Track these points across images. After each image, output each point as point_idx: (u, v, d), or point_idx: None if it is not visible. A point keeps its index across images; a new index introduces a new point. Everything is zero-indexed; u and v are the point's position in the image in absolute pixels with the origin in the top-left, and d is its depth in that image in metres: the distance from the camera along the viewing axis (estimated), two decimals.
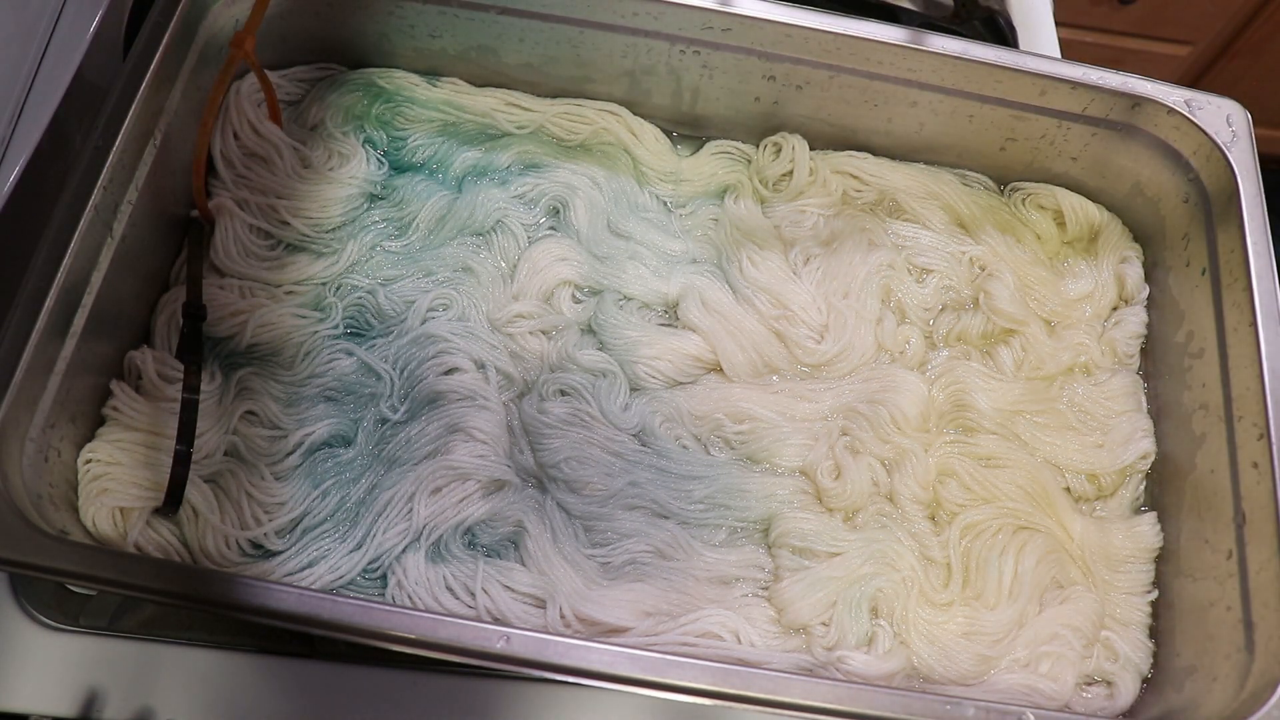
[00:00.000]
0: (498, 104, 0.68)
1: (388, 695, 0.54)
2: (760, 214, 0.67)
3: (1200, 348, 0.63)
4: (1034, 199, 0.70)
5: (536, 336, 0.62)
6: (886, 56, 0.64)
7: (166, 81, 0.58)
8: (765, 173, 0.69)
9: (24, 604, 0.54)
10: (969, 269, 0.68)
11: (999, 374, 0.65)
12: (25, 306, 0.50)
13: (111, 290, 0.54)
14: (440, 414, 0.58)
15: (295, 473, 0.57)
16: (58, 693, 0.52)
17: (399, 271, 0.63)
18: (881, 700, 0.46)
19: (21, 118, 0.54)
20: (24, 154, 0.53)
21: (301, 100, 0.67)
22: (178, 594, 0.45)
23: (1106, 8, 1.30)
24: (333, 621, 0.45)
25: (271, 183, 0.63)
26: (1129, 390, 0.66)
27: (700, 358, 0.62)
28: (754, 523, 0.59)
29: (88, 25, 0.57)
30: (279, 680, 0.54)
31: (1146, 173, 0.68)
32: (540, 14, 0.64)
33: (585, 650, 0.46)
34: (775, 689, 0.46)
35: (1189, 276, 0.65)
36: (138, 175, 0.56)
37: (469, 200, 0.65)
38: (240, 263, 0.61)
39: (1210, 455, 0.60)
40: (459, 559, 0.55)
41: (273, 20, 0.61)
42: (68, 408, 0.52)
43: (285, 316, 0.60)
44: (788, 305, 0.64)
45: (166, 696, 0.53)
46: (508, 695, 0.55)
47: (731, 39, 0.64)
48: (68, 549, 0.46)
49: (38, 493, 0.50)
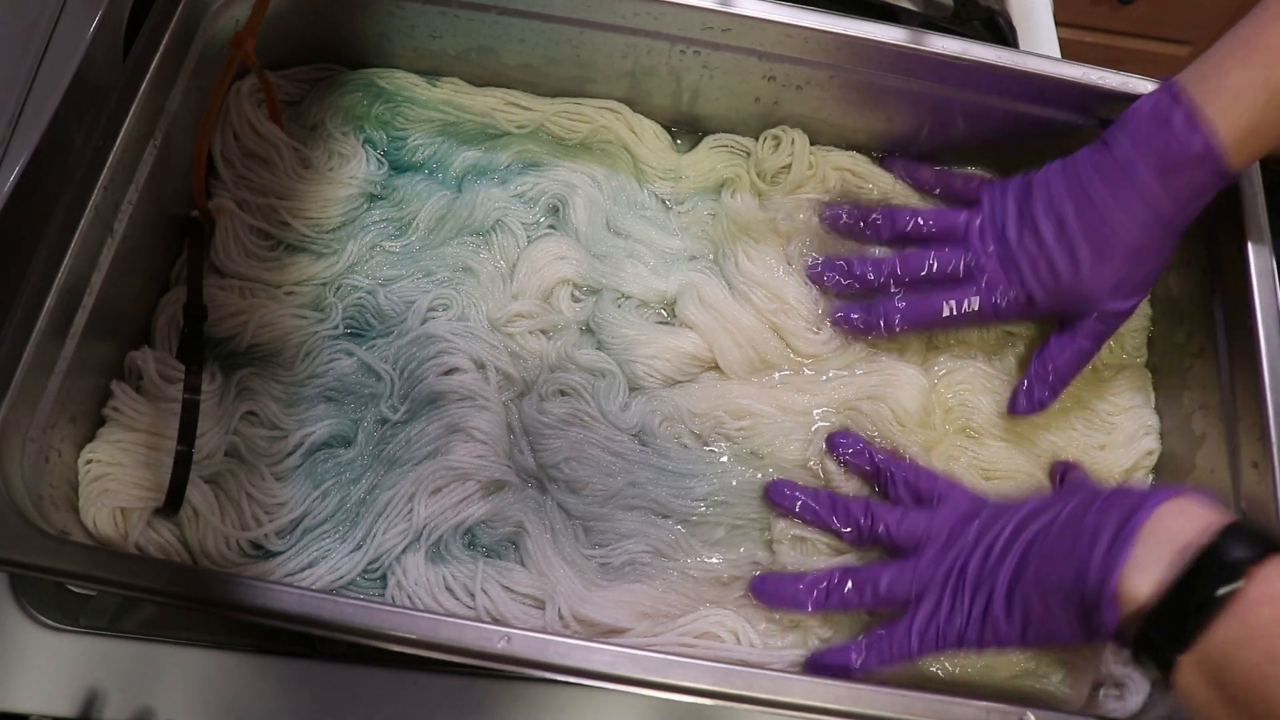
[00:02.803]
0: (497, 103, 0.68)
1: (388, 695, 0.54)
2: (757, 208, 0.67)
3: (1200, 348, 0.63)
4: None
5: (536, 336, 0.62)
6: (887, 57, 0.64)
7: (167, 82, 0.58)
8: (763, 165, 0.69)
9: (24, 604, 0.54)
10: None
11: (1003, 375, 0.65)
12: (25, 306, 0.50)
13: (111, 290, 0.54)
14: (440, 414, 0.58)
15: (296, 473, 0.57)
16: (58, 693, 0.53)
17: (399, 271, 0.63)
18: (881, 700, 0.47)
19: (21, 118, 0.53)
20: (24, 154, 0.53)
21: (302, 100, 0.67)
22: (178, 594, 0.45)
23: (1106, 8, 1.30)
24: (333, 621, 0.45)
25: (272, 183, 0.63)
26: (1136, 385, 0.66)
27: (698, 356, 0.62)
28: (753, 520, 0.59)
29: (88, 25, 0.57)
30: (279, 680, 0.54)
31: None
32: (540, 14, 0.64)
33: (586, 650, 0.46)
34: (776, 689, 0.46)
35: (1188, 276, 0.65)
36: (138, 175, 0.56)
37: (468, 200, 0.65)
38: (240, 263, 0.61)
39: (1210, 455, 0.60)
40: (458, 559, 0.55)
41: (273, 20, 0.61)
42: (68, 408, 0.52)
43: (285, 317, 0.60)
44: (784, 299, 0.64)
45: (166, 696, 0.53)
46: (508, 695, 0.55)
47: (731, 39, 0.64)
48: (68, 549, 0.46)
49: (38, 493, 0.50)
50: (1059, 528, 0.47)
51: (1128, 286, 0.58)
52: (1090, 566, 0.44)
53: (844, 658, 0.53)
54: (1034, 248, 0.59)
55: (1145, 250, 0.57)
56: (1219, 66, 0.54)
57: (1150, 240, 0.57)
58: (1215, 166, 0.54)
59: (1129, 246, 0.57)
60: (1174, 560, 0.42)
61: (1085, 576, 0.44)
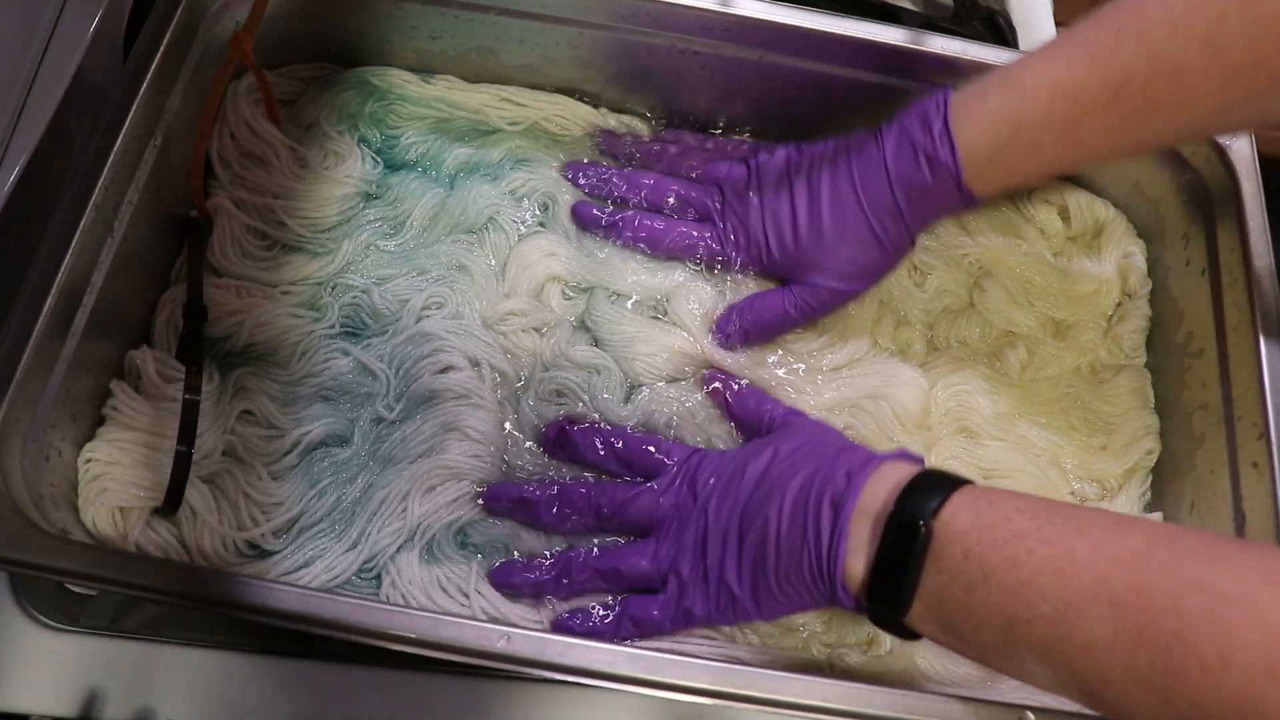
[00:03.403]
0: (491, 100, 0.68)
1: (388, 695, 0.54)
2: None
3: (1200, 348, 0.63)
4: (1039, 194, 0.70)
5: (529, 334, 0.62)
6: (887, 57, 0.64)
7: (167, 82, 0.58)
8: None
9: (24, 604, 0.54)
10: (968, 271, 0.68)
11: (1003, 376, 0.65)
12: (25, 306, 0.50)
13: (111, 290, 0.54)
14: (435, 413, 0.58)
15: (293, 472, 0.57)
16: (58, 693, 0.52)
17: (393, 270, 0.63)
18: (882, 700, 0.46)
19: (21, 118, 0.53)
20: (24, 154, 0.53)
21: (298, 99, 0.67)
22: (178, 593, 0.45)
23: None
24: (332, 620, 0.45)
25: (268, 183, 0.63)
26: (1135, 387, 0.66)
27: (694, 355, 0.62)
28: None
29: (88, 25, 0.57)
30: (279, 680, 0.54)
31: (1146, 172, 0.68)
32: (540, 15, 0.64)
33: (586, 650, 0.46)
34: (776, 688, 0.46)
35: (1189, 276, 0.65)
36: (138, 175, 0.56)
37: (461, 197, 0.65)
38: (237, 263, 0.61)
39: (1210, 455, 0.60)
40: (451, 559, 0.55)
41: (272, 21, 0.61)
42: (68, 407, 0.52)
43: (281, 316, 0.60)
44: None
45: (166, 696, 0.53)
46: (508, 695, 0.55)
47: (731, 39, 0.64)
48: (68, 549, 0.46)
49: (38, 492, 0.50)
50: (788, 518, 0.48)
51: (851, 271, 0.60)
52: (822, 560, 0.46)
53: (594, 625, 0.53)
54: (781, 210, 0.61)
55: (873, 242, 0.58)
56: (985, 89, 0.54)
57: (882, 233, 0.58)
58: (954, 183, 0.55)
59: (860, 234, 0.58)
60: (874, 533, 0.45)
61: (818, 569, 0.47)
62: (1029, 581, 0.40)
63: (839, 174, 0.59)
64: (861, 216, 0.58)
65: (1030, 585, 0.40)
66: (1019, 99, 0.53)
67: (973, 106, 0.54)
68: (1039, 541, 0.40)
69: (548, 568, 0.54)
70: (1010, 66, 0.54)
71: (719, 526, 0.52)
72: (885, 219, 0.58)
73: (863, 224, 0.58)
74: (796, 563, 0.47)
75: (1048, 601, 0.39)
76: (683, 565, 0.52)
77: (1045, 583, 0.39)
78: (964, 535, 0.42)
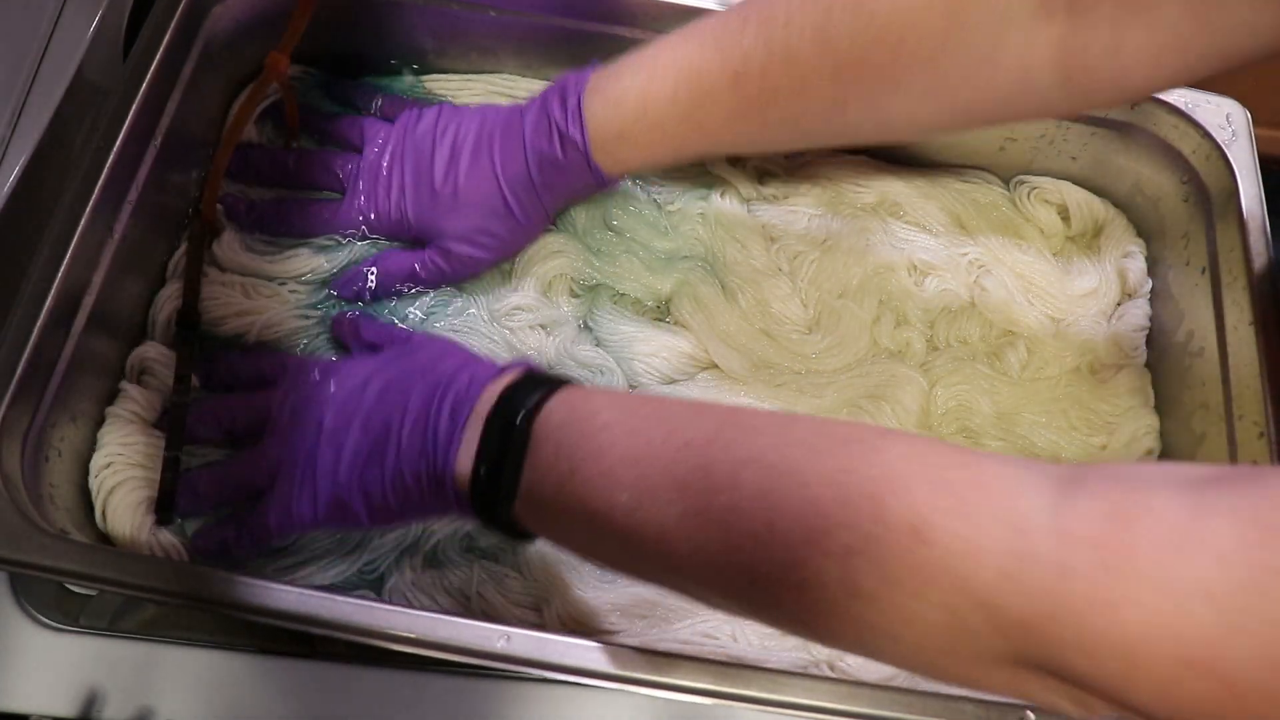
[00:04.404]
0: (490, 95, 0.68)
1: (388, 695, 0.54)
2: (745, 211, 0.67)
3: (1200, 347, 0.63)
4: (1039, 193, 0.70)
5: (536, 330, 0.62)
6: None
7: (167, 82, 0.58)
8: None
9: (24, 604, 0.54)
10: (968, 271, 0.68)
11: (1003, 375, 0.65)
12: (25, 306, 0.50)
13: (111, 290, 0.54)
14: None
15: None
16: (58, 693, 0.52)
17: None
18: (881, 700, 0.46)
19: (21, 118, 0.53)
20: (24, 154, 0.53)
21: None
22: (178, 594, 0.45)
23: None
24: (333, 620, 0.45)
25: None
26: (1135, 387, 0.66)
27: (694, 355, 0.62)
28: None
29: (88, 25, 0.57)
30: (279, 680, 0.54)
31: (1146, 172, 0.68)
32: (540, 15, 0.64)
33: (586, 649, 0.46)
34: (774, 688, 0.46)
35: (1189, 276, 0.65)
36: (138, 175, 0.56)
37: None
38: (242, 257, 0.61)
39: (1210, 455, 0.60)
40: (454, 562, 0.55)
41: (272, 22, 0.61)
42: (68, 407, 0.52)
43: (288, 316, 0.60)
44: (769, 301, 0.64)
45: (166, 696, 0.53)
46: (508, 695, 0.55)
47: None
48: (68, 549, 0.46)
49: (38, 492, 0.50)
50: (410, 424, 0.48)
51: (481, 239, 0.59)
52: (434, 463, 0.46)
53: (221, 534, 0.53)
54: (421, 171, 0.60)
55: (506, 213, 0.58)
56: (620, 70, 0.55)
57: (515, 206, 0.58)
58: (584, 161, 0.55)
59: (495, 204, 0.58)
60: (479, 432, 0.45)
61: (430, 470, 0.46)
62: (609, 473, 0.40)
63: (480, 142, 0.58)
64: (496, 187, 0.58)
65: (610, 476, 0.40)
66: (649, 78, 0.53)
67: (606, 84, 0.55)
68: (623, 433, 0.40)
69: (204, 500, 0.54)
70: (647, 46, 0.55)
71: (334, 430, 0.50)
72: (520, 191, 0.57)
73: (497, 195, 0.58)
74: (415, 467, 0.47)
75: (626, 490, 0.39)
76: (294, 468, 0.51)
77: (623, 473, 0.39)
78: (557, 430, 0.42)
